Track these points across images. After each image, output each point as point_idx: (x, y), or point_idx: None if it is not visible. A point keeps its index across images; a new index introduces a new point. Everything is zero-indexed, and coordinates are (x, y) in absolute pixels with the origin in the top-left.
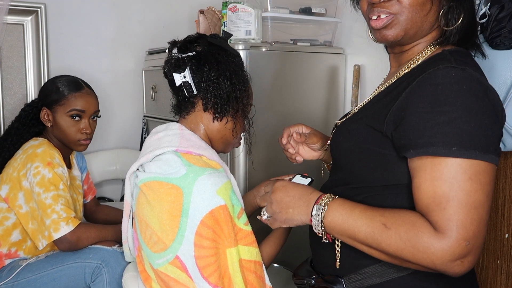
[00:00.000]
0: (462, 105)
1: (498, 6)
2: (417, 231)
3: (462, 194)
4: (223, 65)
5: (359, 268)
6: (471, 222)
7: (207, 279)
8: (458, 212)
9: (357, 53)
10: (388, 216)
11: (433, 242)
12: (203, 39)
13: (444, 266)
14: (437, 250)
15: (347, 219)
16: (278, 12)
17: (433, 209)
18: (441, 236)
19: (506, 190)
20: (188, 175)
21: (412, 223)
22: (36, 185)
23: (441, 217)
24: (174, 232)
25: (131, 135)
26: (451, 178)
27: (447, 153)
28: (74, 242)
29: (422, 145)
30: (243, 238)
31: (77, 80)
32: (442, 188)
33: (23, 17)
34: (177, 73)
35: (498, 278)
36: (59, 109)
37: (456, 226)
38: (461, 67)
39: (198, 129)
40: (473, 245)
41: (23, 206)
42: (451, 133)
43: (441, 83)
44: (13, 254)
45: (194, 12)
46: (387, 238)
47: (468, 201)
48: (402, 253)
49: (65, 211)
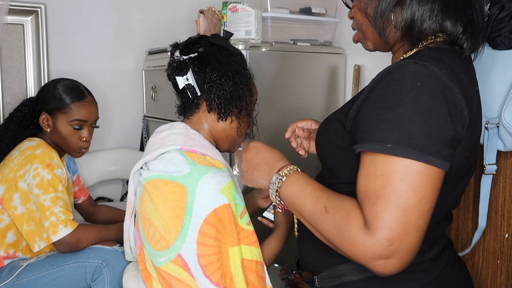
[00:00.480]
0: (409, 102)
1: (498, 6)
2: (349, 221)
3: (392, 193)
4: (225, 65)
5: (332, 266)
6: (397, 223)
7: (210, 277)
8: (385, 210)
9: (357, 53)
10: (332, 200)
11: (359, 235)
12: (205, 40)
13: (365, 262)
14: (360, 244)
15: (297, 194)
16: (278, 12)
17: (364, 203)
18: (368, 231)
19: (506, 190)
20: (192, 173)
21: (348, 212)
22: (35, 186)
23: (369, 213)
24: (177, 230)
25: (131, 135)
26: (383, 175)
27: (381, 150)
28: (74, 244)
29: (363, 140)
30: (245, 238)
31: (79, 87)
32: (374, 184)
33: (23, 17)
34: (180, 76)
35: (498, 278)
36: (60, 117)
37: (381, 224)
38: (422, 63)
39: (203, 129)
40: (397, 248)
41: (18, 208)
42: (390, 130)
43: (396, 78)
44: (11, 255)
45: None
46: (323, 222)
47: (396, 202)
48: (333, 239)
49: (63, 213)
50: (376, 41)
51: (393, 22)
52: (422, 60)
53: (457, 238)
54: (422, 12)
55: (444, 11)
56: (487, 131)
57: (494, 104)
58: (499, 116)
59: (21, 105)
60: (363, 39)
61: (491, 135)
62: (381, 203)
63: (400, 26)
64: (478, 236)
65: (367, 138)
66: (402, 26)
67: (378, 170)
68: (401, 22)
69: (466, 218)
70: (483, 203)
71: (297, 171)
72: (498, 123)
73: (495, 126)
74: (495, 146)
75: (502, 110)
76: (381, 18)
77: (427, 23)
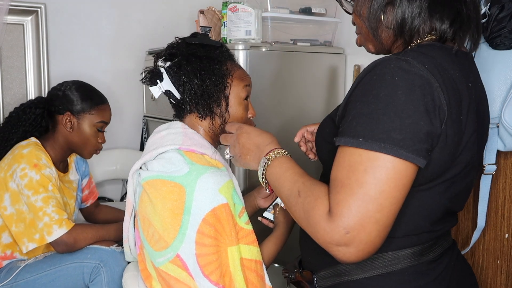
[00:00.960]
0: (385, 97)
1: (498, 6)
2: (315, 206)
3: (355, 184)
4: (193, 64)
5: (331, 265)
6: (355, 213)
7: (208, 277)
8: (346, 199)
9: (357, 53)
10: (307, 185)
11: (321, 220)
12: (181, 43)
13: (325, 246)
14: (321, 229)
15: (279, 177)
16: (278, 12)
17: (331, 191)
18: (329, 217)
19: (506, 190)
20: (190, 173)
21: (317, 197)
22: (25, 187)
23: (333, 200)
24: (175, 230)
25: (131, 135)
26: (349, 165)
27: (354, 144)
28: (71, 244)
29: (340, 134)
30: (244, 237)
31: (98, 90)
32: (341, 173)
33: (23, 17)
34: (153, 85)
35: (498, 278)
36: (87, 117)
37: (341, 212)
38: (404, 58)
39: (198, 129)
40: (354, 237)
41: (8, 208)
42: (364, 124)
43: (377, 73)
44: (9, 256)
45: (194, 12)
46: (295, 204)
47: (357, 192)
48: (301, 222)
49: (57, 213)
50: (375, 43)
51: (384, 22)
52: (406, 55)
53: (457, 238)
54: (411, 10)
55: (431, 7)
56: None
57: (494, 104)
58: (499, 116)
59: (33, 106)
60: (364, 42)
61: (491, 135)
62: (343, 192)
63: (392, 26)
64: (477, 236)
65: (343, 132)
66: (393, 25)
67: (345, 161)
68: (392, 21)
69: (466, 218)
70: (482, 202)
71: (283, 155)
72: (498, 123)
73: (495, 126)
74: (495, 146)
75: (502, 110)
76: (374, 19)
77: (417, 21)
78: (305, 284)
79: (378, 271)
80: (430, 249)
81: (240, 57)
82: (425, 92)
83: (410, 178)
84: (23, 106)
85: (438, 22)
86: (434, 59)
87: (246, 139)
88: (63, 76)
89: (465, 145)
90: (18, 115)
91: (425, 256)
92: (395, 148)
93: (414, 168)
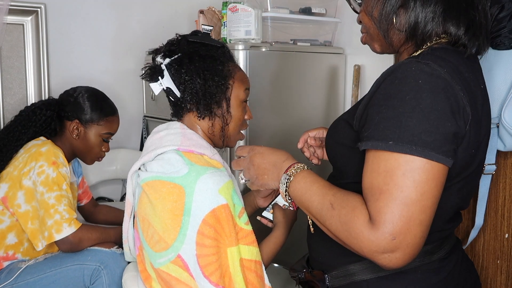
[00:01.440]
0: (411, 100)
1: (498, 6)
2: (354, 216)
3: (394, 188)
4: (196, 63)
5: (342, 265)
6: (400, 218)
7: (208, 277)
8: (388, 205)
9: (357, 53)
10: (338, 196)
11: (364, 230)
12: (183, 40)
13: (371, 255)
14: (365, 238)
15: (305, 192)
16: (278, 12)
17: (369, 199)
18: (372, 226)
19: (506, 190)
20: (190, 174)
21: (353, 207)
22: (40, 184)
23: (373, 208)
24: (176, 231)
25: (131, 135)
26: (385, 171)
27: (384, 147)
28: (76, 243)
29: (367, 138)
30: (244, 238)
31: (110, 100)
32: (377, 180)
33: (23, 17)
34: (153, 82)
35: (498, 278)
36: (94, 128)
37: (384, 219)
38: (424, 62)
39: (196, 129)
40: (401, 242)
41: (22, 206)
42: (392, 127)
43: (399, 77)
44: (10, 257)
45: (194, 12)
46: (330, 218)
47: (398, 197)
48: (339, 235)
49: (67, 212)
50: (382, 43)
51: (396, 24)
52: (425, 58)
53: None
54: (425, 14)
55: (446, 13)
56: None
57: (494, 104)
58: (499, 116)
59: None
60: (371, 42)
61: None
62: (384, 198)
63: (404, 29)
64: (474, 234)
65: (370, 136)
66: (406, 28)
67: (381, 166)
68: (405, 24)
69: (466, 218)
70: (481, 202)
71: (304, 169)
72: (498, 123)
73: (495, 126)
74: (495, 146)
75: (502, 110)
76: (386, 21)
77: (430, 25)
78: (315, 283)
79: (391, 271)
80: (439, 247)
81: (240, 57)
82: (448, 94)
83: (443, 178)
84: (34, 106)
85: (453, 28)
86: (451, 62)
87: (261, 159)
88: (63, 76)
89: (479, 145)
90: (28, 115)
91: (436, 254)
92: (426, 150)
93: (445, 168)
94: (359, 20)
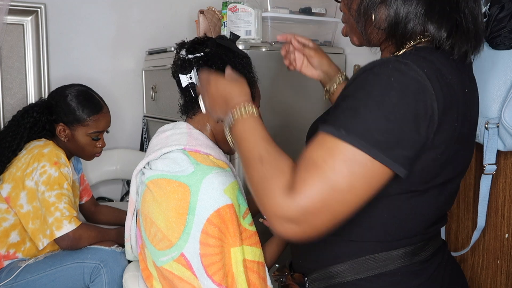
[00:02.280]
0: (377, 96)
1: (498, 6)
2: (277, 178)
3: (329, 168)
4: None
5: (322, 268)
6: (318, 197)
7: (212, 277)
8: (314, 180)
9: (357, 53)
10: (271, 153)
11: (279, 193)
12: (211, 40)
13: (272, 219)
14: (275, 201)
15: (241, 135)
16: (278, 12)
17: (299, 168)
18: (289, 193)
19: (506, 190)
20: (195, 173)
21: (280, 170)
22: (42, 183)
23: (299, 177)
24: (180, 230)
25: (131, 135)
26: (330, 149)
27: (336, 134)
28: (76, 240)
29: (326, 122)
30: (248, 238)
31: (94, 97)
32: (317, 154)
33: (23, 17)
34: (183, 74)
35: (498, 278)
36: (80, 129)
37: (303, 191)
38: (404, 61)
39: (205, 129)
40: (307, 219)
41: (24, 206)
42: (349, 117)
43: (375, 72)
44: (11, 255)
45: (194, 12)
46: (253, 170)
47: (328, 177)
48: (256, 189)
49: (68, 210)
50: (360, 37)
51: (375, 21)
52: (405, 57)
53: (457, 238)
54: (405, 13)
55: (428, 15)
56: (487, 131)
57: (494, 104)
58: (499, 116)
59: (32, 110)
60: (349, 34)
61: (491, 135)
62: (314, 172)
63: (384, 27)
64: (477, 236)
65: (328, 121)
66: (385, 26)
67: (326, 144)
68: (384, 22)
69: (466, 218)
70: (482, 202)
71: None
72: (498, 123)
73: (495, 126)
74: (495, 146)
75: (502, 110)
76: (364, 16)
77: (410, 25)
78: (295, 287)
79: (371, 272)
80: (422, 249)
81: None
82: (417, 98)
83: (382, 182)
84: (24, 110)
85: (435, 30)
86: (433, 63)
87: (215, 90)
88: (63, 76)
89: (457, 151)
90: (18, 120)
91: (417, 256)
92: (373, 150)
93: (390, 173)
94: (341, 9)
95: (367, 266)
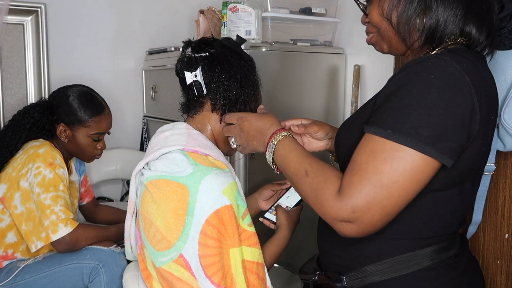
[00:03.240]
0: (417, 93)
1: (498, 6)
2: (325, 186)
3: (372, 169)
4: (234, 67)
5: (360, 266)
6: (364, 196)
7: (210, 278)
8: (360, 182)
9: (357, 53)
10: (314, 166)
11: (330, 198)
12: (218, 41)
13: (330, 221)
14: (329, 206)
15: (284, 158)
16: (278, 12)
17: (347, 172)
18: (339, 196)
19: (506, 190)
20: (194, 174)
21: (326, 179)
22: (37, 185)
23: (347, 181)
24: (179, 231)
25: (131, 135)
26: (371, 151)
27: (382, 134)
28: (73, 243)
29: (371, 123)
30: (247, 239)
31: (96, 98)
32: (361, 157)
33: (23, 17)
34: (189, 71)
35: (498, 278)
36: (81, 130)
37: (351, 193)
38: (442, 58)
39: (205, 129)
40: (358, 217)
41: (18, 207)
42: (394, 117)
43: (414, 70)
44: (10, 256)
45: (194, 12)
46: (303, 184)
47: (371, 177)
48: (308, 199)
49: (64, 212)
50: (393, 44)
51: (418, 27)
52: (443, 54)
53: None
54: (446, 17)
55: (467, 16)
56: None
57: None
58: (499, 116)
59: (32, 110)
60: (379, 42)
61: None
62: (359, 175)
63: (425, 31)
64: (473, 230)
65: (374, 122)
66: (426, 31)
67: (368, 146)
68: (425, 27)
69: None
70: (480, 199)
71: (286, 137)
72: (498, 123)
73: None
74: (495, 146)
75: (501, 110)
76: (407, 24)
77: (450, 28)
78: (331, 285)
79: (411, 269)
80: (454, 242)
81: None
82: (457, 93)
83: (427, 175)
84: (24, 110)
85: (474, 31)
86: (470, 60)
87: (248, 127)
88: (63, 76)
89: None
90: (18, 120)
91: (452, 249)
92: (420, 144)
93: (435, 166)
94: (366, 21)
95: (407, 263)
